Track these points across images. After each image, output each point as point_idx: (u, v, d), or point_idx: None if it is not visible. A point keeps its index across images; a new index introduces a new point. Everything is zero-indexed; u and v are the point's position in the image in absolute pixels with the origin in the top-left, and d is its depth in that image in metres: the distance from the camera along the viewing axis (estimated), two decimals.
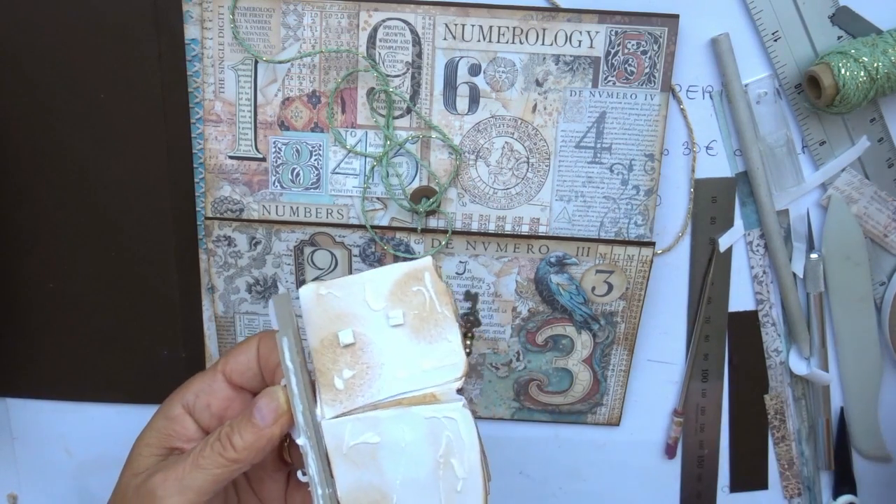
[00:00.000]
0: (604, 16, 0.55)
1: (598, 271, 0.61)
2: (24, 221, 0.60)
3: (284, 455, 0.51)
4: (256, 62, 0.56)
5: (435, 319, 0.46)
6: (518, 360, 0.64)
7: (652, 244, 0.60)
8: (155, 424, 0.48)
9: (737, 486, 0.68)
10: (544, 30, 0.55)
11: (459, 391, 0.45)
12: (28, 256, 0.61)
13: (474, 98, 0.57)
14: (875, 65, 0.54)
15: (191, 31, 0.55)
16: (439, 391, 0.45)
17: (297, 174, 0.58)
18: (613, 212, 0.59)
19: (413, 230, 0.60)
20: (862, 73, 0.54)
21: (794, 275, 0.62)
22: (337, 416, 0.45)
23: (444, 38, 0.55)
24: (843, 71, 0.54)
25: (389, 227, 0.60)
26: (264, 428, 0.45)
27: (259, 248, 0.60)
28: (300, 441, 0.44)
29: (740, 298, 0.63)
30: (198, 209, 0.60)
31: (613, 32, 0.55)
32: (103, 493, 0.70)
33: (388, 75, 0.56)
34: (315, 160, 0.58)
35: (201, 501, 0.45)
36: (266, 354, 0.47)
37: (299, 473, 0.45)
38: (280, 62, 0.56)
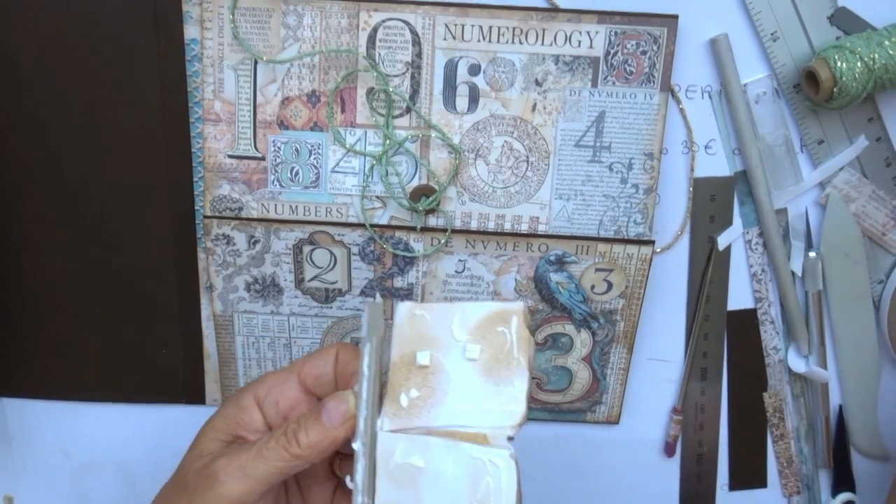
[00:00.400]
0: (603, 16, 0.55)
1: (597, 269, 0.61)
2: (22, 220, 0.60)
3: (335, 469, 0.52)
4: (256, 62, 0.56)
5: (508, 363, 0.46)
6: None
7: (651, 242, 0.60)
8: (225, 411, 0.50)
9: (736, 484, 0.69)
10: (544, 30, 0.55)
11: (510, 439, 0.45)
12: (25, 255, 0.61)
13: (474, 98, 0.57)
14: (872, 55, 0.54)
15: (190, 31, 0.55)
16: (492, 434, 0.45)
17: (297, 173, 0.58)
18: (613, 210, 0.59)
19: (412, 229, 0.60)
20: (859, 65, 0.54)
21: (793, 273, 0.62)
22: (393, 431, 0.46)
23: (444, 38, 0.55)
24: (839, 63, 0.54)
25: (389, 226, 0.60)
26: (331, 429, 0.46)
27: (258, 247, 0.60)
28: (355, 445, 0.45)
29: (739, 297, 0.63)
30: (196, 208, 0.59)
31: (613, 33, 0.55)
32: (101, 496, 0.70)
33: (387, 75, 0.56)
34: (314, 159, 0.58)
35: (259, 491, 0.46)
36: (344, 362, 0.49)
37: (347, 479, 0.46)
38: (280, 62, 0.56)
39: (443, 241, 0.60)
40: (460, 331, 0.47)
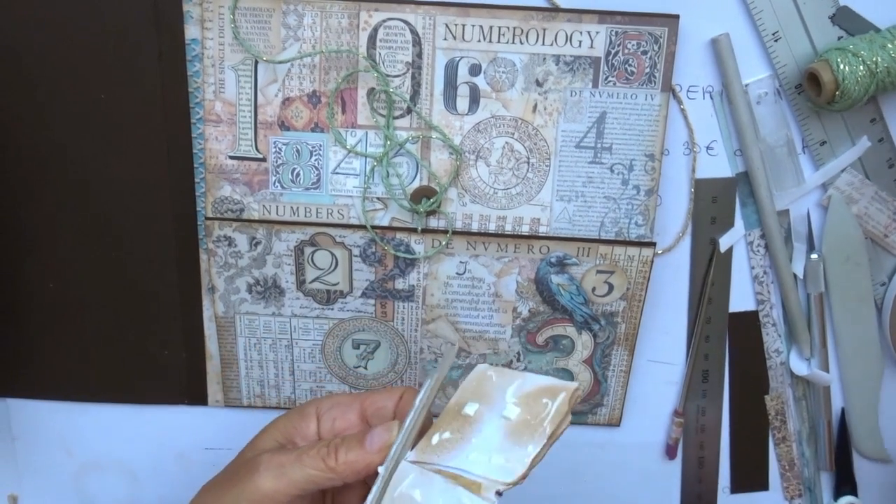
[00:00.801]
0: (604, 16, 0.55)
1: (598, 272, 0.61)
2: (25, 221, 0.60)
3: None
4: (257, 62, 0.56)
5: (534, 429, 0.48)
6: (518, 360, 0.64)
7: (652, 244, 0.60)
8: (290, 414, 0.54)
9: (737, 487, 0.68)
10: (544, 30, 0.55)
11: (499, 494, 0.46)
12: (28, 256, 0.61)
13: (474, 98, 0.57)
14: (874, 59, 0.54)
15: (191, 32, 0.55)
16: (486, 485, 0.47)
17: (298, 174, 0.59)
18: (614, 212, 0.59)
19: (413, 230, 0.60)
20: (861, 68, 0.54)
21: (795, 275, 0.62)
22: (412, 462, 0.48)
23: (445, 39, 0.55)
24: (842, 66, 0.54)
25: (390, 228, 0.60)
26: (369, 453, 0.49)
27: (259, 249, 0.60)
28: (380, 469, 0.48)
29: (741, 299, 0.63)
30: (198, 209, 0.60)
31: (614, 33, 0.55)
32: (103, 494, 0.70)
33: (388, 75, 0.56)
34: (315, 160, 0.58)
35: (291, 493, 0.49)
36: (405, 403, 0.52)
37: None
38: (280, 62, 0.56)
39: (444, 242, 0.60)
40: (512, 394, 0.50)
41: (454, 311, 0.62)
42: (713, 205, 0.61)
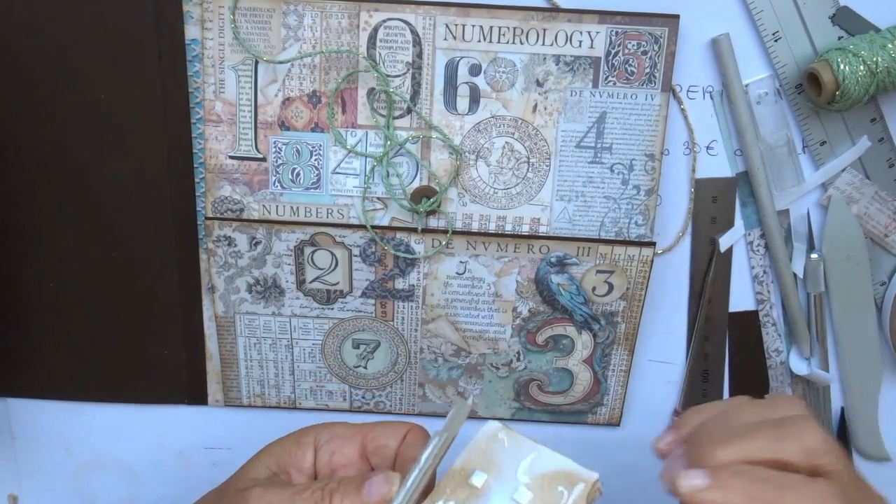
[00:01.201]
0: (604, 16, 0.55)
1: (598, 271, 0.61)
2: (25, 221, 0.60)
3: None
4: (257, 62, 0.56)
5: None
6: (518, 360, 0.64)
7: (652, 244, 0.60)
8: (285, 441, 0.52)
9: None
10: (545, 30, 0.55)
11: None
12: (28, 256, 0.61)
13: (475, 98, 0.57)
14: (874, 59, 0.54)
15: (191, 32, 0.55)
16: None
17: (298, 174, 0.58)
18: (614, 212, 0.59)
19: (413, 230, 0.60)
20: (861, 68, 0.54)
21: (795, 275, 0.62)
22: None
23: (445, 39, 0.55)
24: (842, 66, 0.54)
25: (390, 227, 0.60)
26: None
27: (259, 248, 0.60)
28: None
29: (741, 298, 0.63)
30: (198, 209, 0.60)
31: (614, 33, 0.55)
32: (103, 493, 0.70)
33: (388, 75, 0.56)
34: (315, 160, 0.58)
35: None
36: (409, 443, 0.50)
37: None
38: (280, 62, 0.56)
39: (444, 242, 0.60)
40: (524, 472, 0.47)
41: (454, 310, 0.62)
42: (713, 205, 0.61)
